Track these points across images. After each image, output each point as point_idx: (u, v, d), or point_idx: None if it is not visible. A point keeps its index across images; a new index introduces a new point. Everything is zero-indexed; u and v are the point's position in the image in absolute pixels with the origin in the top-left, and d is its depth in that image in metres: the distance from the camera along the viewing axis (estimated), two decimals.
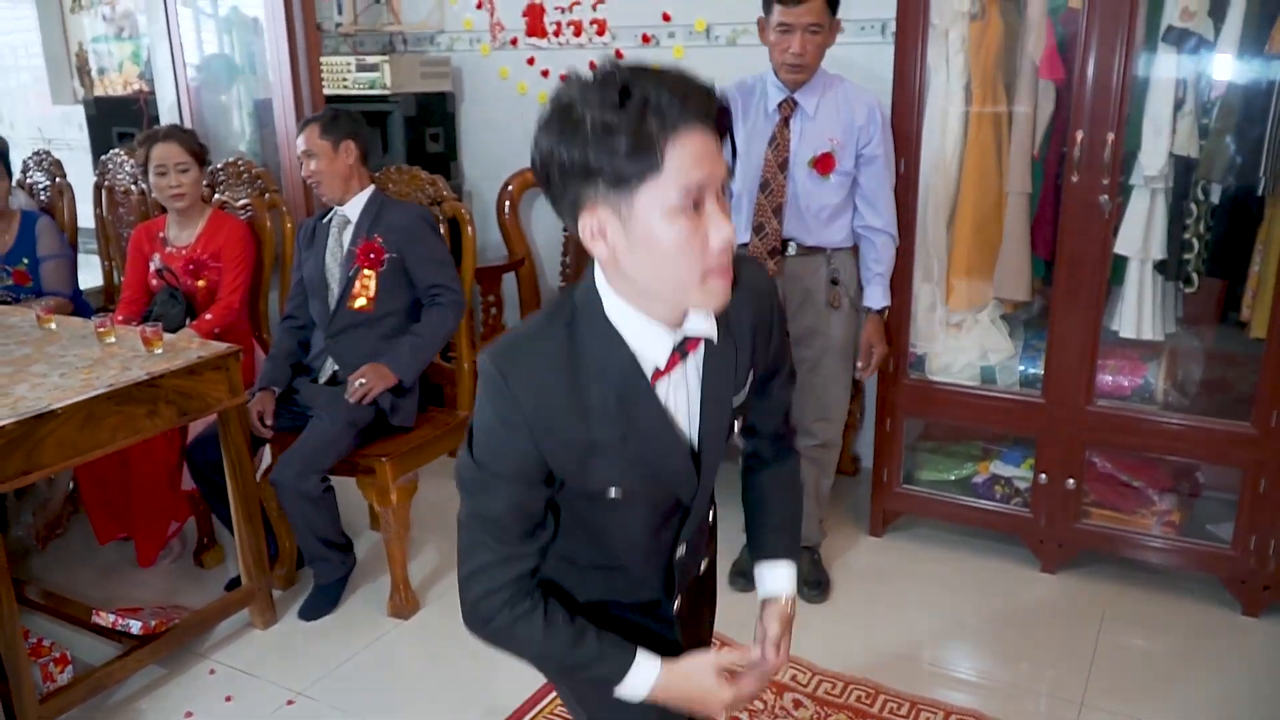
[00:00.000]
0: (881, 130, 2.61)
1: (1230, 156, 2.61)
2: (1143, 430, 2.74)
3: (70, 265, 3.48)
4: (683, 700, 1.30)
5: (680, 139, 1.07)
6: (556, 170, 1.10)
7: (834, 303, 2.67)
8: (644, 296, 1.17)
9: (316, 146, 2.75)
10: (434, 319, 2.78)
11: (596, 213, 1.11)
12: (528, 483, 1.21)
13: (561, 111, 1.08)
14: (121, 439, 2.27)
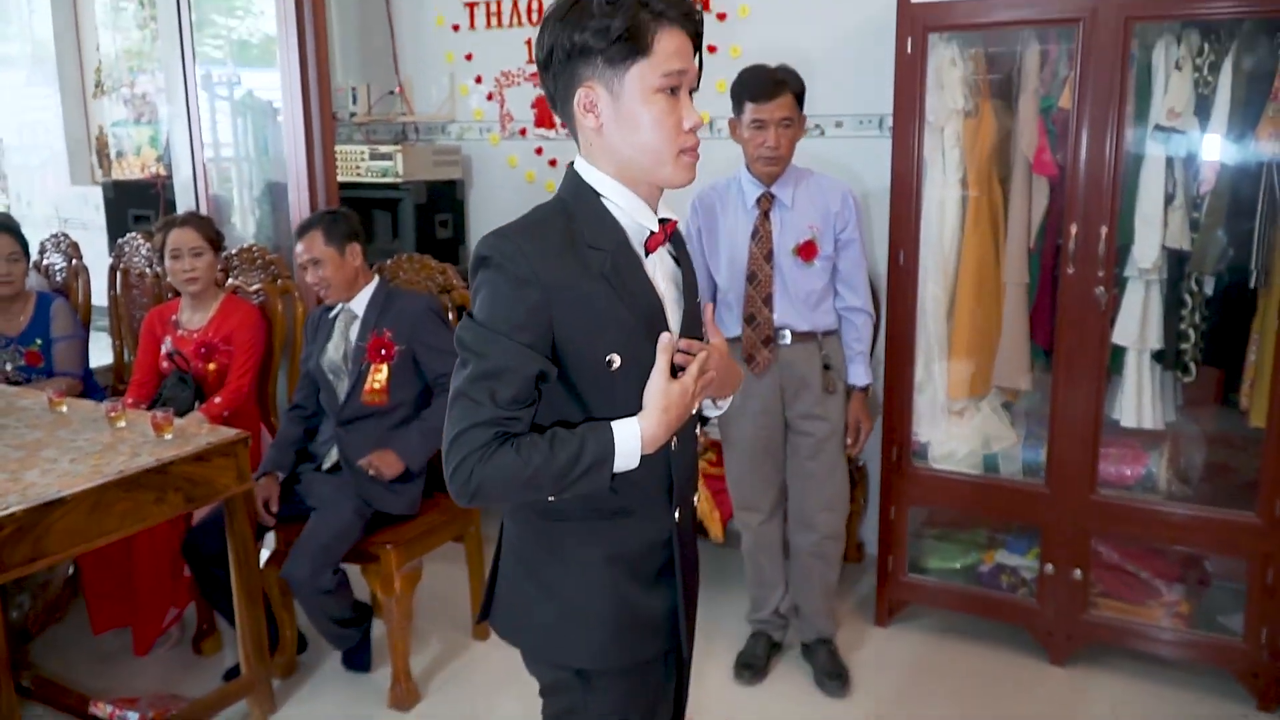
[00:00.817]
0: (855, 215, 2.70)
1: (1221, 250, 2.66)
2: (1147, 520, 2.74)
3: (82, 346, 3.53)
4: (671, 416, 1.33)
5: (666, 32, 1.30)
6: (561, 52, 1.31)
7: (829, 388, 2.72)
8: (626, 169, 1.36)
9: (323, 254, 2.78)
10: (440, 407, 2.80)
11: (592, 88, 1.32)
12: (532, 335, 1.29)
13: (570, 2, 1.31)
14: (128, 526, 2.29)
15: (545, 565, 1.46)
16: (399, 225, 3.92)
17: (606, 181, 1.37)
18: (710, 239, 2.77)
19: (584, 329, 1.32)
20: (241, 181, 4.30)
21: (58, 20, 5.18)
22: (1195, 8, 2.48)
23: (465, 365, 1.30)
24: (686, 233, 2.78)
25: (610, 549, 1.44)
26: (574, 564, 1.44)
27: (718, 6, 3.54)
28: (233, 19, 4.20)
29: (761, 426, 2.75)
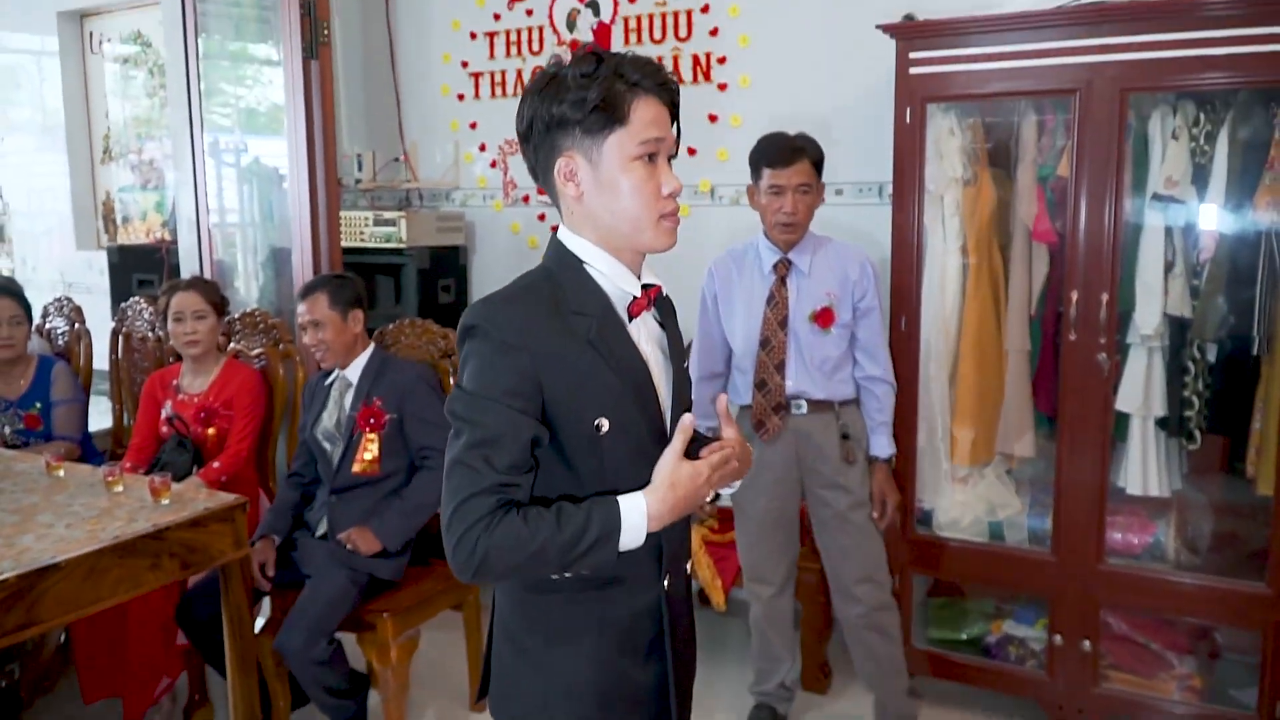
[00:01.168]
0: (874, 283, 2.68)
1: (1222, 317, 2.67)
2: (1156, 590, 2.70)
3: (82, 410, 3.52)
4: (681, 500, 1.34)
5: (642, 102, 1.34)
6: (541, 123, 1.35)
7: (849, 457, 2.66)
8: (608, 235, 1.38)
9: (325, 317, 2.79)
10: (422, 484, 2.79)
11: (571, 157, 1.35)
12: (524, 400, 1.30)
13: (547, 77, 1.36)
14: (122, 593, 2.25)
15: (532, 639, 1.44)
16: (402, 290, 3.94)
17: (589, 248, 1.39)
18: (726, 304, 2.76)
19: (572, 394, 1.33)
20: (246, 247, 4.33)
21: (68, 88, 5.28)
22: (1189, 79, 2.51)
23: (460, 435, 1.30)
24: (702, 298, 2.77)
25: (598, 619, 1.42)
26: (560, 636, 1.42)
27: (719, 77, 3.61)
28: (241, 88, 4.27)
29: (775, 497, 2.70)
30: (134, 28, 5.03)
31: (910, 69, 2.78)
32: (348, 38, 4.33)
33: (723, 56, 3.59)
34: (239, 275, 4.32)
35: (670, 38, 3.67)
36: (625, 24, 3.75)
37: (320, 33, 3.55)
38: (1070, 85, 2.60)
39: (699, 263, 3.70)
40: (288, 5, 3.52)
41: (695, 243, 3.73)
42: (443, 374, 2.95)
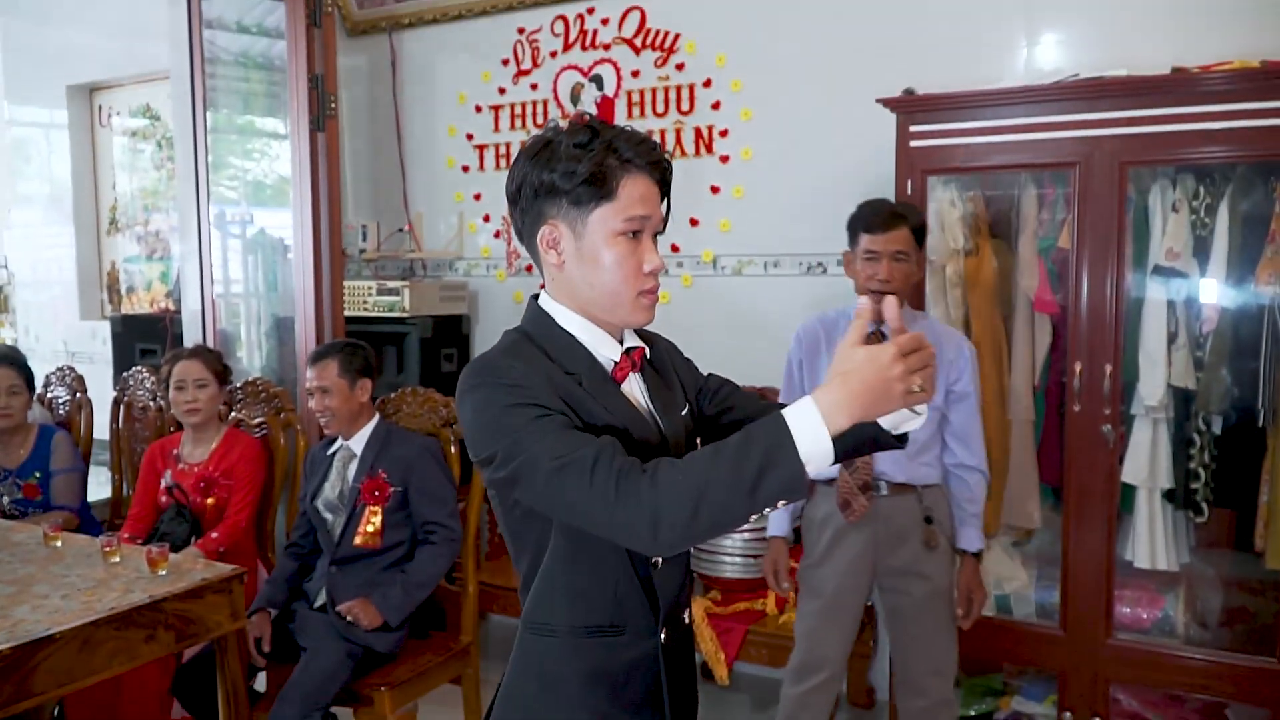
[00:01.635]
0: (971, 367, 2.53)
1: (1227, 389, 2.67)
2: (1166, 666, 2.66)
3: (81, 480, 3.50)
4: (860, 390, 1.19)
5: (631, 178, 1.34)
6: (530, 188, 1.35)
7: (930, 543, 2.52)
8: (586, 306, 1.38)
9: (333, 384, 2.78)
10: (425, 559, 2.77)
11: (555, 226, 1.35)
12: (543, 408, 1.27)
13: (542, 143, 1.36)
14: (117, 665, 2.21)
15: (525, 684, 1.42)
16: (404, 359, 3.94)
17: (567, 314, 1.40)
18: (811, 372, 2.63)
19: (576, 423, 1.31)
20: (250, 317, 4.35)
21: (76, 160, 5.35)
22: (1188, 153, 2.54)
23: (529, 465, 1.24)
24: (788, 363, 2.67)
25: (590, 668, 1.39)
26: (552, 684, 1.40)
27: (721, 149, 3.66)
28: (249, 161, 4.34)
29: (847, 576, 2.56)
30: (143, 101, 5.12)
31: (910, 142, 2.82)
32: (355, 111, 4.41)
33: (725, 130, 3.65)
34: (242, 345, 4.33)
35: (673, 111, 3.73)
36: (629, 98, 3.82)
37: (328, 105, 3.61)
38: (1069, 159, 2.64)
39: (701, 331, 3.74)
40: (296, 78, 3.59)
41: (697, 313, 3.76)
42: (445, 442, 2.94)
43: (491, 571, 3.70)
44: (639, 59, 3.78)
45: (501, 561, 3.85)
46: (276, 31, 3.83)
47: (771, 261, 3.62)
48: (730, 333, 3.70)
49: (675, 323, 3.78)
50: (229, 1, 4.09)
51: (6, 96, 5.61)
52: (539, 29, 3.98)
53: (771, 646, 3.08)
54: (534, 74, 4.01)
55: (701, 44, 3.65)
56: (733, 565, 3.23)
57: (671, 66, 3.71)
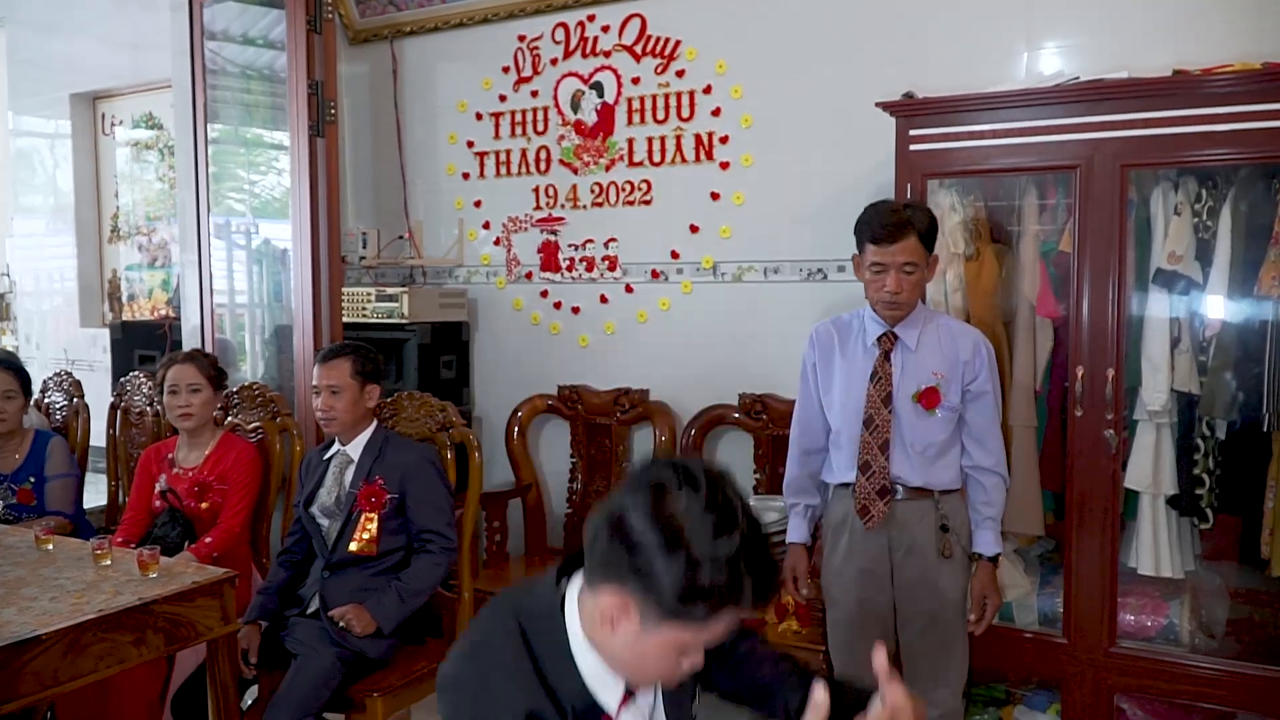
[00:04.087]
0: (988, 366, 2.46)
1: (1231, 394, 2.63)
2: (1171, 675, 2.62)
3: (76, 485, 3.48)
4: None
5: (730, 615, 1.23)
6: (630, 554, 1.20)
7: (945, 552, 2.45)
8: (608, 656, 1.30)
9: (345, 384, 2.75)
10: (421, 567, 2.73)
11: (627, 606, 1.23)
12: None
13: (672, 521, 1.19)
14: (104, 669, 2.18)
15: None
16: (403, 366, 3.93)
17: (584, 648, 1.32)
18: (825, 375, 2.57)
19: None
20: (254, 327, 4.35)
21: (79, 169, 5.37)
22: (1190, 155, 2.52)
23: None
24: (802, 366, 2.62)
25: None
26: None
27: (721, 156, 3.65)
28: (255, 174, 4.34)
29: (865, 588, 2.49)
30: (146, 109, 5.13)
31: (910, 146, 2.80)
32: (356, 118, 4.41)
33: (725, 136, 3.64)
34: (246, 357, 4.32)
35: (674, 118, 3.72)
36: (629, 105, 3.81)
37: (327, 111, 3.61)
38: (1071, 161, 2.62)
39: (701, 338, 3.72)
40: (295, 84, 3.59)
41: (697, 320, 3.75)
42: (441, 447, 2.91)
43: (490, 579, 3.67)
44: (639, 66, 3.78)
45: (499, 569, 3.82)
46: (280, 43, 3.84)
47: (772, 268, 3.60)
48: (730, 339, 3.68)
49: (674, 330, 3.82)
50: (232, 13, 4.11)
51: (11, 107, 5.63)
52: (540, 36, 3.98)
53: None
54: (534, 81, 4.01)
55: (702, 50, 3.65)
56: None
57: (672, 73, 3.71)
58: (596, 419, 3.90)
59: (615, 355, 3.92)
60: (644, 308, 3.86)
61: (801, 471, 2.63)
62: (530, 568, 3.83)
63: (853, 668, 2.57)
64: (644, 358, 3.86)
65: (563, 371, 4.00)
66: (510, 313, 4.14)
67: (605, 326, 3.94)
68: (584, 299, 3.98)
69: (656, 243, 3.81)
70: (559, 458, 4.03)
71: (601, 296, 3.94)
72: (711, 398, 3.67)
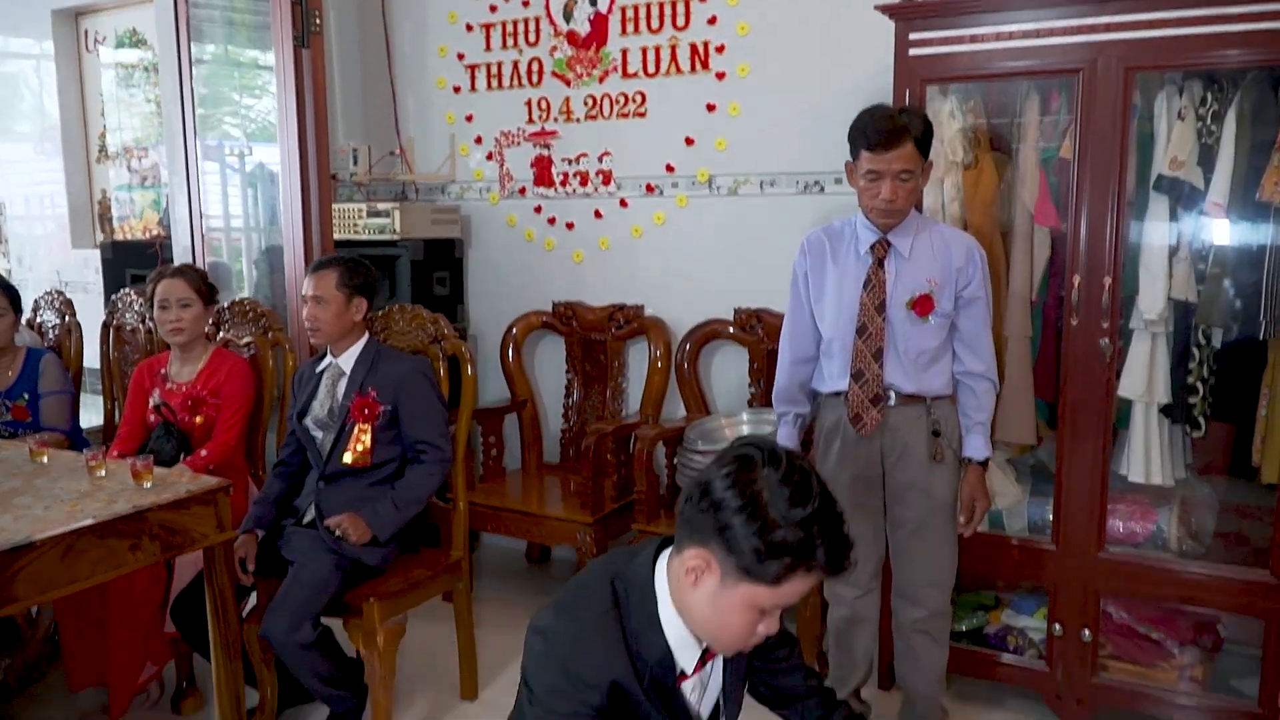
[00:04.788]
0: (981, 272, 2.46)
1: (1228, 301, 2.62)
2: (1158, 579, 2.65)
3: (71, 402, 3.47)
4: None
5: (802, 579, 1.35)
6: (716, 519, 1.34)
7: (937, 456, 2.47)
8: (689, 617, 1.43)
9: (329, 295, 2.73)
10: (416, 478, 2.75)
11: (710, 562, 1.36)
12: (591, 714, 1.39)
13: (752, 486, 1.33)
14: (101, 574, 2.20)
15: None
16: (396, 283, 3.90)
17: (670, 610, 1.44)
18: (817, 284, 2.55)
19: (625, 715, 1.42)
20: (250, 251, 4.31)
21: (63, 87, 5.27)
22: (1196, 57, 2.45)
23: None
24: (793, 275, 2.60)
25: None
26: None
27: (717, 65, 3.57)
28: (249, 97, 4.26)
29: (858, 493, 2.52)
30: (130, 25, 5.01)
31: (909, 50, 2.74)
32: (343, 32, 4.30)
33: (721, 45, 3.56)
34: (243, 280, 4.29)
35: (668, 26, 3.64)
36: (623, 14, 3.72)
37: (312, 21, 3.52)
38: (1074, 64, 2.55)
39: (697, 252, 3.69)
40: None
41: (693, 234, 3.71)
42: (433, 359, 2.90)
43: (486, 493, 3.70)
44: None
45: (496, 483, 3.84)
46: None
47: (768, 181, 3.55)
48: (726, 254, 3.65)
49: (669, 245, 3.78)
50: None
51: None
52: None
53: None
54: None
55: None
56: None
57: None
58: (591, 335, 3.88)
59: (610, 271, 3.89)
60: (639, 223, 3.82)
61: (792, 381, 2.62)
62: (526, 482, 3.85)
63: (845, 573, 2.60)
64: (639, 273, 3.83)
65: (557, 288, 3.98)
66: (504, 229, 4.09)
67: (600, 242, 3.90)
68: (578, 214, 3.93)
69: (651, 156, 3.75)
70: (554, 374, 4.03)
71: (596, 211, 3.89)
72: (707, 313, 3.65)
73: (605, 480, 3.46)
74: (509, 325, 3.97)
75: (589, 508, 3.39)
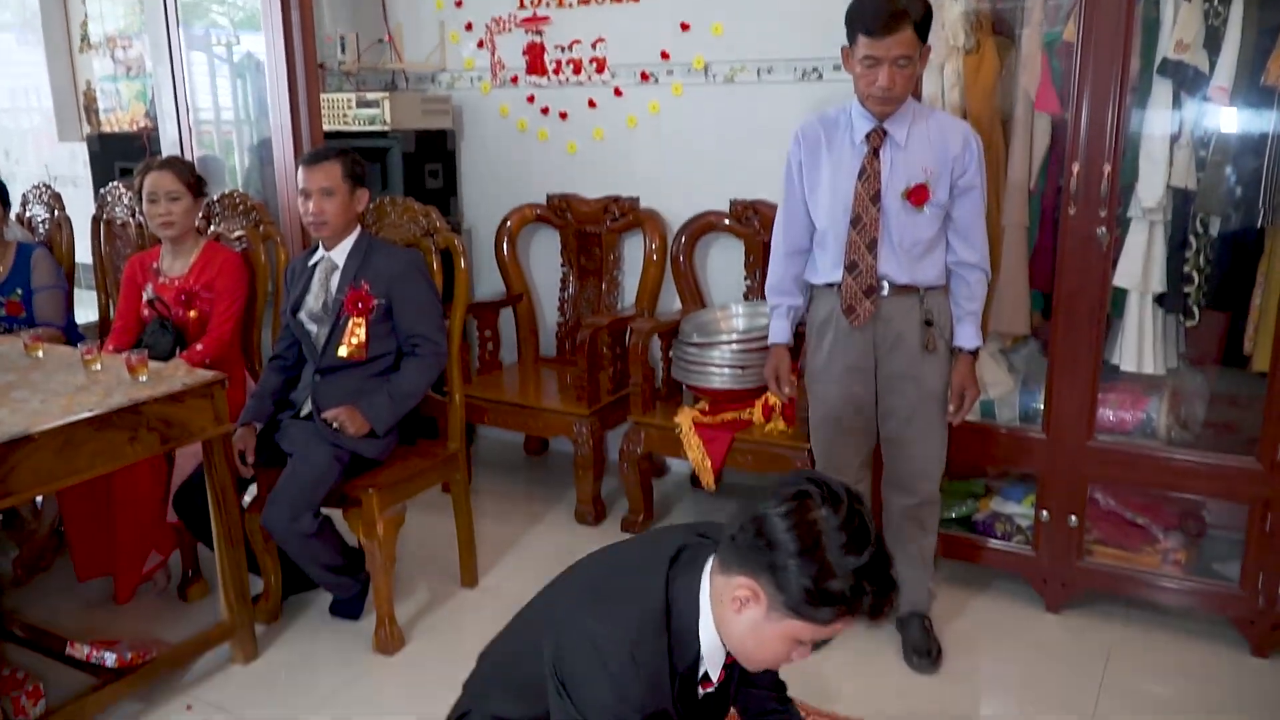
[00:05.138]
0: (977, 160, 2.43)
1: (1228, 189, 2.59)
2: (1145, 466, 2.68)
3: (64, 297, 3.47)
4: None
5: (845, 621, 1.36)
6: (768, 550, 1.35)
7: (929, 346, 2.48)
8: (726, 636, 1.45)
9: (338, 186, 2.70)
10: (411, 371, 2.76)
11: (760, 596, 1.37)
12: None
13: (810, 530, 1.33)
14: (101, 465, 2.24)
15: None
16: (387, 175, 3.84)
17: (709, 625, 1.46)
18: (812, 174, 2.51)
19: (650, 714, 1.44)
20: (241, 144, 4.24)
21: None
22: None
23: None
24: (787, 165, 2.56)
25: None
26: None
27: None
28: None
29: (850, 384, 2.53)
30: None
31: None
32: None
33: None
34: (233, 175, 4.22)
35: None
36: None
37: None
38: None
39: (693, 143, 3.63)
40: None
41: (688, 124, 3.64)
42: (426, 253, 2.88)
43: (482, 386, 3.72)
44: None
45: (492, 376, 3.86)
46: None
47: (765, 68, 3.47)
48: (722, 143, 3.59)
49: (664, 135, 3.72)
50: None
51: None
52: None
53: (757, 454, 3.12)
54: None
55: None
56: (721, 376, 3.23)
57: None
58: (586, 228, 3.85)
59: (604, 162, 3.83)
60: (633, 112, 3.74)
61: (785, 273, 2.61)
62: (523, 376, 3.87)
63: (835, 462, 2.65)
64: (634, 164, 3.78)
65: (551, 180, 3.92)
66: (496, 119, 4.02)
67: (594, 132, 3.83)
68: (571, 104, 3.86)
69: (645, 43, 3.65)
70: (549, 267, 4.01)
71: (589, 101, 3.81)
72: (702, 205, 3.62)
73: (601, 373, 3.48)
74: (503, 219, 3.93)
75: (585, 400, 3.41)
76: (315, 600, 2.96)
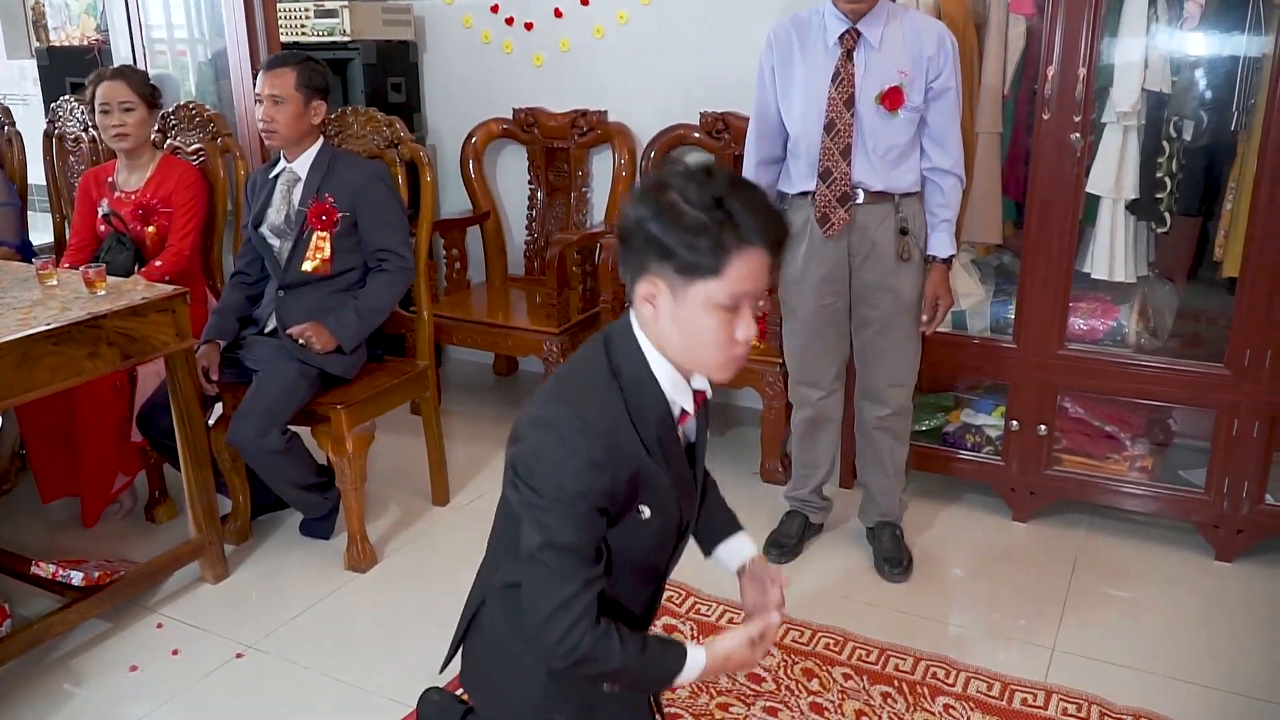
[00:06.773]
0: (952, 60, 2.36)
1: (1202, 92, 2.56)
2: (1115, 374, 2.70)
3: (17, 215, 3.37)
4: (729, 666, 1.50)
5: (745, 255, 1.30)
6: (640, 237, 1.32)
7: (904, 255, 2.44)
8: (672, 354, 1.40)
9: (288, 95, 2.61)
10: (378, 286, 2.71)
11: (656, 284, 1.33)
12: (599, 510, 1.35)
13: (661, 194, 1.30)
14: (60, 380, 2.18)
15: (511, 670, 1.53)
16: (348, 88, 3.73)
17: (657, 358, 1.41)
18: (784, 79, 2.45)
19: (633, 491, 1.39)
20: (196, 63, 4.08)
21: None
22: None
23: (539, 531, 1.34)
24: (759, 70, 2.49)
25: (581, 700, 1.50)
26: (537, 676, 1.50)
27: None
28: None
29: (824, 295, 2.50)
30: None
31: None
32: None
33: None
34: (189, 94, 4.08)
35: None
36: None
37: None
38: None
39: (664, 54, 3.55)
40: None
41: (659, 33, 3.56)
42: (390, 164, 2.81)
43: (450, 305, 3.67)
44: None
45: (459, 295, 3.81)
46: None
47: None
48: (691, 54, 3.51)
49: (632, 46, 3.62)
50: None
51: None
52: None
53: None
54: None
55: None
56: None
57: None
58: (554, 143, 3.77)
59: (571, 75, 3.74)
60: (600, 22, 3.64)
61: (757, 183, 2.56)
62: (491, 295, 3.82)
63: (808, 374, 2.64)
64: (601, 77, 3.69)
65: (517, 93, 3.83)
66: (460, 30, 3.90)
67: (560, 43, 3.73)
68: (536, 13, 3.74)
69: None
70: (517, 184, 3.94)
71: (555, 10, 3.70)
72: (672, 118, 3.54)
73: (570, 291, 3.43)
74: (468, 134, 3.84)
75: (555, 319, 3.38)
76: (286, 520, 2.94)
